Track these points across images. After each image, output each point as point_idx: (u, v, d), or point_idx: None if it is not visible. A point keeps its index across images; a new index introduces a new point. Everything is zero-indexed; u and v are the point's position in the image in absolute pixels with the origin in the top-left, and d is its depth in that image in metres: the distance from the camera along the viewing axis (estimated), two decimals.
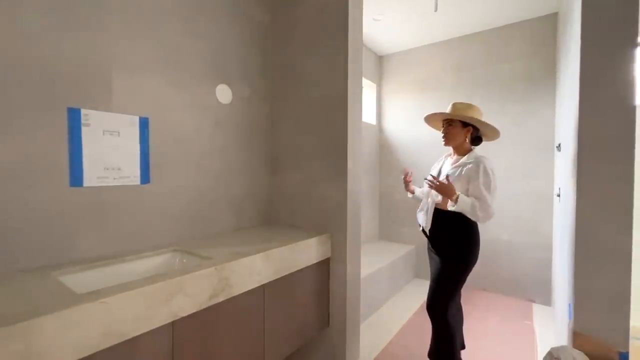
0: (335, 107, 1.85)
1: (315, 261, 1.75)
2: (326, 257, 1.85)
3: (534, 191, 2.90)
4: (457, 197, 1.53)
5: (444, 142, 1.73)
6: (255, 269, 1.38)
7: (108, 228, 1.38)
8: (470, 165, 1.59)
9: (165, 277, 1.08)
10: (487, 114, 3.12)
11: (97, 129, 1.34)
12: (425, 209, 1.77)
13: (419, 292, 3.11)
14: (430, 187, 1.59)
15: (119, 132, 1.41)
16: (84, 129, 1.30)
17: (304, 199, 2.01)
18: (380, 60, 3.80)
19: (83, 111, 1.30)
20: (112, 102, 1.39)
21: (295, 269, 1.62)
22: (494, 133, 1.71)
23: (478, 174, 1.55)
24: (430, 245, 1.79)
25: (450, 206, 1.57)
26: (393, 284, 3.03)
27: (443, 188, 1.54)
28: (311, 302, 1.77)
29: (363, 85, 3.65)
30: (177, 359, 1.11)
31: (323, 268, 1.85)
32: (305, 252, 1.68)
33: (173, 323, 1.09)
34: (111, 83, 1.38)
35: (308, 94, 1.98)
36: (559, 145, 2.21)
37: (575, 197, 1.33)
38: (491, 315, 2.62)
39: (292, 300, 1.63)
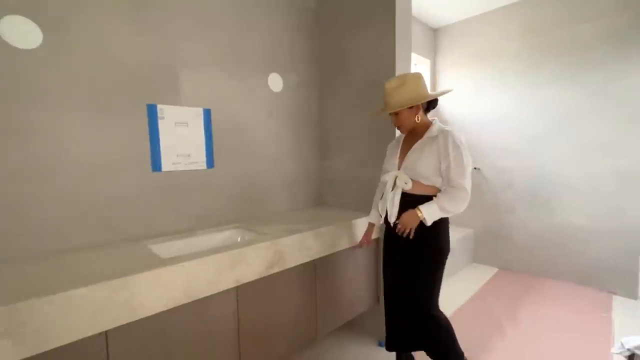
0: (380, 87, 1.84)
1: None
2: (375, 237, 1.89)
3: (619, 169, 2.54)
4: (422, 213, 1.30)
5: (401, 132, 1.47)
6: (306, 244, 1.49)
7: (182, 207, 1.61)
8: (436, 140, 1.33)
9: (230, 248, 1.24)
10: (561, 82, 2.80)
11: (170, 121, 1.55)
12: (387, 198, 1.43)
13: (476, 278, 2.98)
14: (401, 232, 1.36)
15: (187, 123, 1.61)
16: (160, 122, 1.52)
17: (353, 181, 2.06)
18: (435, 33, 3.57)
19: (159, 106, 1.51)
20: (180, 97, 1.58)
21: (344, 247, 1.70)
22: (441, 93, 1.45)
23: (447, 149, 1.29)
24: (394, 238, 1.45)
25: (427, 222, 1.31)
26: (447, 268, 2.93)
27: (406, 221, 1.33)
28: (360, 278, 1.85)
29: (416, 62, 3.49)
30: (242, 318, 1.29)
31: (372, 247, 1.90)
32: (354, 231, 1.74)
33: (237, 288, 1.26)
34: (179, 80, 1.57)
35: (355, 77, 1.99)
36: None
37: None
38: (561, 306, 2.42)
39: (341, 275, 1.72)
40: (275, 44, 1.96)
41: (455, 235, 3.16)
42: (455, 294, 2.66)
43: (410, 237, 1.35)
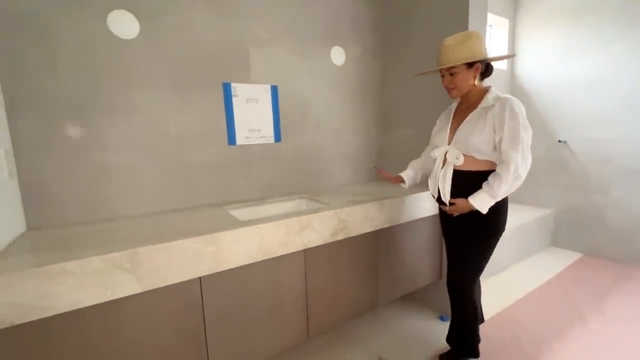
0: None
1: (427, 215, 1.78)
2: (433, 213, 1.84)
3: None
4: (473, 205, 1.24)
5: (451, 96, 1.33)
6: (369, 215, 1.53)
7: (254, 177, 1.76)
8: (492, 109, 1.22)
9: (298, 214, 1.34)
10: None
11: (242, 98, 1.67)
12: (437, 175, 1.38)
13: (554, 263, 2.72)
14: (451, 214, 1.36)
15: (257, 100, 1.72)
16: (234, 99, 1.65)
17: (417, 155, 1.99)
18: None
19: (232, 84, 1.64)
20: (250, 75, 1.69)
21: (408, 220, 1.69)
22: (504, 56, 1.36)
23: (503, 118, 1.18)
24: (448, 216, 1.42)
25: (482, 211, 1.25)
26: (519, 249, 2.73)
27: (459, 208, 1.30)
28: (423, 252, 1.84)
29: (491, 23, 3.14)
30: (309, 278, 1.40)
31: (436, 223, 1.85)
32: (417, 205, 1.72)
33: (305, 251, 1.37)
34: (249, 58, 1.67)
35: (421, 45, 1.89)
36: None
37: None
38: None
39: (404, 247, 1.74)
40: (338, 16, 1.95)
41: (530, 214, 2.89)
42: (528, 276, 2.47)
43: (454, 215, 1.35)
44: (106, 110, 1.35)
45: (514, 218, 2.79)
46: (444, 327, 1.81)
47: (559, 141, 2.91)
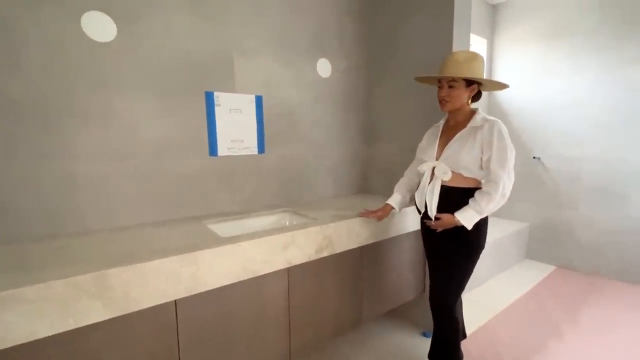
0: (436, 70, 1.74)
1: (411, 230, 1.77)
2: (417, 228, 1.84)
3: None
4: (459, 221, 1.25)
5: (443, 108, 1.35)
6: (354, 230, 1.50)
7: (235, 190, 1.69)
8: (480, 130, 1.26)
9: (282, 230, 1.29)
10: None
11: (225, 108, 1.61)
12: (425, 190, 1.38)
13: (529, 275, 2.79)
14: (435, 229, 1.36)
15: (240, 110, 1.66)
16: (216, 109, 1.59)
17: (401, 168, 2.00)
18: (494, 9, 3.27)
19: (215, 93, 1.58)
20: (234, 84, 1.63)
21: (392, 235, 1.68)
22: (499, 86, 1.37)
23: (492, 140, 1.22)
24: (431, 232, 1.41)
25: (468, 227, 1.26)
26: (497, 263, 2.79)
27: (444, 223, 1.30)
28: (407, 267, 1.82)
29: (471, 42, 3.25)
30: (292, 297, 1.34)
31: (419, 237, 1.85)
32: (401, 220, 1.71)
33: (288, 269, 1.31)
34: (233, 67, 1.62)
35: (406, 61, 1.91)
36: None
37: None
38: (635, 313, 2.19)
39: (388, 263, 1.72)
40: (325, 29, 1.94)
41: (507, 228, 2.97)
42: (506, 290, 2.52)
43: (438, 230, 1.35)
44: (77, 115, 1.25)
45: (492, 231, 2.86)
46: (427, 343, 1.80)
47: (534, 157, 3.03)
